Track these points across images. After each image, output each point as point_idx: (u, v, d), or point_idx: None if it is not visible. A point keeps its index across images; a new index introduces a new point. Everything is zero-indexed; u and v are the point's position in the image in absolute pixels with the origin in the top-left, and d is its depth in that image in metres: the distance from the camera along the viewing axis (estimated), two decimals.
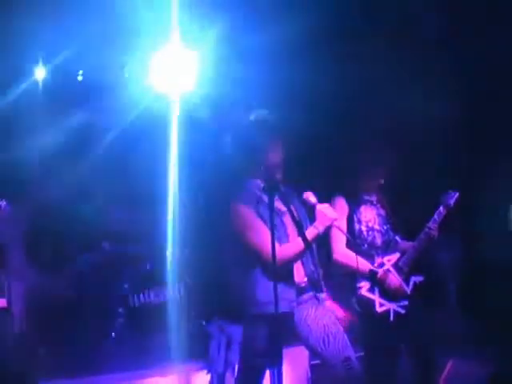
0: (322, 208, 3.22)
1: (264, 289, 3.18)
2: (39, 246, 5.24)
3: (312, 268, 3.33)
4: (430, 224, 3.77)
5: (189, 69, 5.12)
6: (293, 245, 3.23)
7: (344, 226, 3.77)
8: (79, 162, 6.42)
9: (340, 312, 3.39)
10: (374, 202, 3.93)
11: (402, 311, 3.71)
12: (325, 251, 3.79)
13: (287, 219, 3.32)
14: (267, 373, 3.27)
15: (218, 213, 3.50)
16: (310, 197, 3.26)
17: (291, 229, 3.32)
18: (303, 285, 3.29)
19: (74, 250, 5.92)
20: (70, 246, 6.12)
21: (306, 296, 3.29)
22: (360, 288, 3.72)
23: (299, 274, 3.28)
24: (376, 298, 3.70)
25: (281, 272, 3.13)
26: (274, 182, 3.21)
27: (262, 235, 3.19)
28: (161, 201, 6.83)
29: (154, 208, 6.51)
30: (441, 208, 3.79)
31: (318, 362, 3.89)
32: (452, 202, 3.81)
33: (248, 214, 3.25)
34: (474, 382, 4.26)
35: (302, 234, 3.26)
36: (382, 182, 3.92)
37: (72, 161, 6.24)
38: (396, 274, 3.73)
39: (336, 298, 5.07)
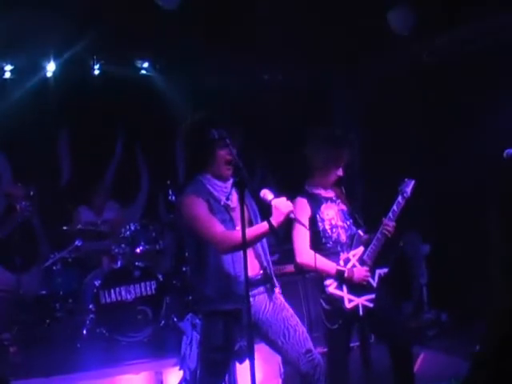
0: (277, 202, 3.13)
1: (215, 285, 3.19)
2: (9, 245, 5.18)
3: (265, 264, 3.33)
4: (390, 215, 3.72)
5: None
6: (238, 234, 3.06)
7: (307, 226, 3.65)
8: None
9: None
10: (334, 199, 3.86)
11: (371, 305, 3.69)
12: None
13: (237, 215, 3.22)
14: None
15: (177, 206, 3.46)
16: (267, 194, 3.19)
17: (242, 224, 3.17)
18: (258, 277, 3.29)
19: (44, 248, 5.87)
20: (41, 244, 6.08)
21: (261, 289, 3.29)
22: (328, 286, 3.67)
23: (254, 268, 3.26)
24: (344, 294, 3.67)
25: (233, 266, 3.14)
26: (244, 178, 3.16)
27: (212, 224, 3.17)
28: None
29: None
30: (399, 198, 3.73)
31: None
32: (409, 190, 3.73)
33: (198, 203, 3.21)
34: (444, 375, 4.31)
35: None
36: (337, 177, 3.82)
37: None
38: (362, 269, 3.70)
39: (308, 294, 5.11)
